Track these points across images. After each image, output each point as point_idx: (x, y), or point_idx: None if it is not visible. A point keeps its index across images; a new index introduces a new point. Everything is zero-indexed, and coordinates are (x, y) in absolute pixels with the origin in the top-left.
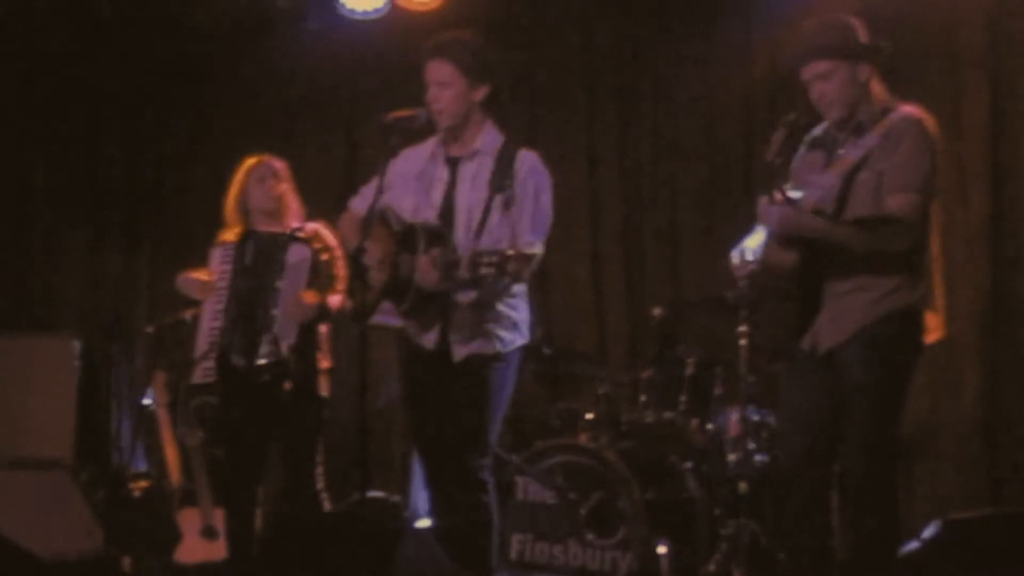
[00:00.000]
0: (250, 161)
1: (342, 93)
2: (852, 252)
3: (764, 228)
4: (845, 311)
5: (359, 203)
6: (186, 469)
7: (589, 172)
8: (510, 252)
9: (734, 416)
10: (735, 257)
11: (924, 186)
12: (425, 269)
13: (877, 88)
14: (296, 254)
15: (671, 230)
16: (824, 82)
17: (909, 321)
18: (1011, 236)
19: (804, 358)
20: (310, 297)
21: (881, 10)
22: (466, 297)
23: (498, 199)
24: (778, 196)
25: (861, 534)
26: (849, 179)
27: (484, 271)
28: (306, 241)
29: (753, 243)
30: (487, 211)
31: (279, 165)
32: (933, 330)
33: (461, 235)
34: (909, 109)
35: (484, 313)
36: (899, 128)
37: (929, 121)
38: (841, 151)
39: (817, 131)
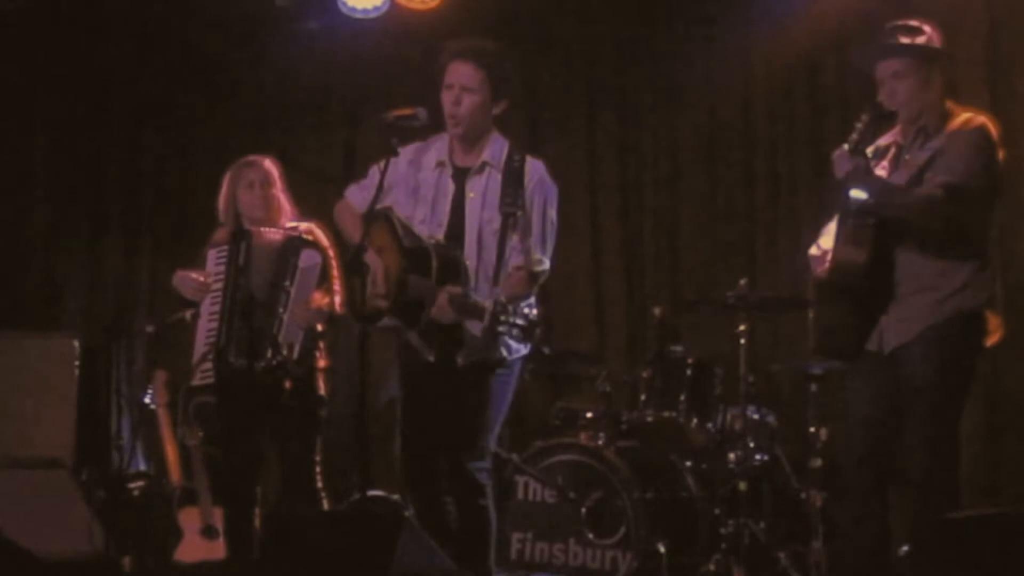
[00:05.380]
0: (237, 163)
1: (342, 93)
2: (897, 214)
3: (837, 176)
4: (912, 311)
5: (357, 195)
6: (186, 469)
7: (589, 172)
8: (534, 316)
9: (734, 415)
10: (815, 250)
11: (967, 175)
12: (443, 307)
13: (944, 95)
14: (308, 259)
15: (671, 231)
16: (897, 80)
17: (973, 323)
18: (1012, 238)
19: (870, 357)
20: (319, 301)
21: (881, 10)
22: (479, 328)
23: (511, 222)
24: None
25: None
26: (917, 180)
27: (502, 328)
28: (316, 245)
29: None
30: (503, 239)
31: (269, 167)
32: (994, 331)
33: (469, 253)
34: (972, 114)
35: (495, 339)
36: (963, 130)
37: (991, 126)
38: (907, 156)
39: (881, 141)
